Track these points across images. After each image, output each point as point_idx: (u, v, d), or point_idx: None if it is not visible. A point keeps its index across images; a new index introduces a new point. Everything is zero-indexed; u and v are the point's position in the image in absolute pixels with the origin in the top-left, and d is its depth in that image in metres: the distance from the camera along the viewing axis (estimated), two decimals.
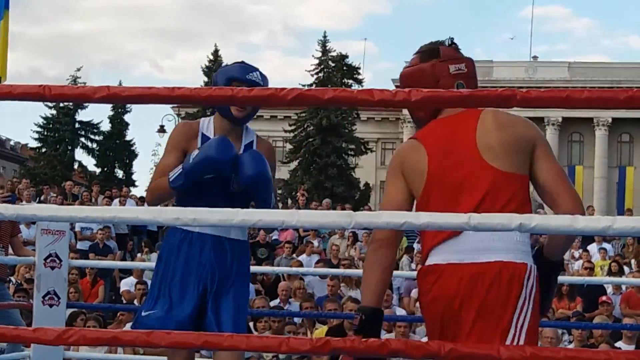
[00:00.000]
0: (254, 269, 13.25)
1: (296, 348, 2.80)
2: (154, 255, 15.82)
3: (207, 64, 48.99)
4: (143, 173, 67.58)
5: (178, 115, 49.21)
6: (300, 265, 14.75)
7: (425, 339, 3.31)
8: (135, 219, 2.84)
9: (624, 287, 13.10)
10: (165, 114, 46.83)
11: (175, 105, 48.07)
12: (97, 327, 8.84)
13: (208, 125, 4.88)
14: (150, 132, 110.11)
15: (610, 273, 14.52)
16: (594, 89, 2.71)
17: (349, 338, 2.77)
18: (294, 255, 16.52)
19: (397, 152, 3.60)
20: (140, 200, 20.51)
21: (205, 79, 48.06)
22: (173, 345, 2.84)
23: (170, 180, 4.53)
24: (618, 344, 9.86)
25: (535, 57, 58.38)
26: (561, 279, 12.72)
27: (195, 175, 4.48)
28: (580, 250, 17.23)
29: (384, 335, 10.01)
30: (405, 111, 55.73)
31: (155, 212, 2.92)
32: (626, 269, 14.75)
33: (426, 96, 2.76)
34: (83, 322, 9.70)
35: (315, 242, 18.26)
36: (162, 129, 44.96)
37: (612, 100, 2.69)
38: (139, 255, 16.96)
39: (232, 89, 2.78)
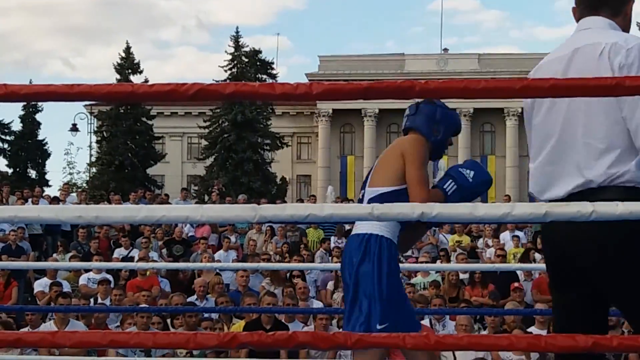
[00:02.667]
0: (170, 265, 13.26)
1: (203, 343, 2.79)
2: (69, 256, 15.62)
3: (119, 61, 48.39)
4: (56, 173, 66.39)
5: (91, 113, 48.60)
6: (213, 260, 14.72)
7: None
8: (36, 218, 2.80)
9: (536, 274, 13.35)
10: (77, 113, 46.13)
11: (88, 103, 47.43)
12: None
13: None
14: (62, 131, 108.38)
15: (523, 259, 14.78)
16: (490, 79, 2.76)
17: (256, 332, 2.76)
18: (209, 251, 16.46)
19: None
20: (54, 200, 20.19)
21: (118, 76, 47.50)
22: (78, 345, 2.81)
23: (448, 194, 4.84)
24: (531, 329, 10.05)
25: (445, 50, 59.15)
26: (473, 266, 12.97)
27: (472, 194, 4.88)
28: (493, 238, 17.54)
29: (304, 329, 10.06)
30: (320, 105, 56.21)
31: (57, 210, 2.89)
32: (538, 255, 15.02)
33: (327, 89, 2.78)
34: None
35: (233, 238, 18.23)
36: (74, 128, 44.36)
37: (509, 89, 2.74)
38: (53, 255, 16.69)
39: (131, 85, 2.77)
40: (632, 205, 2.70)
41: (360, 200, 4.87)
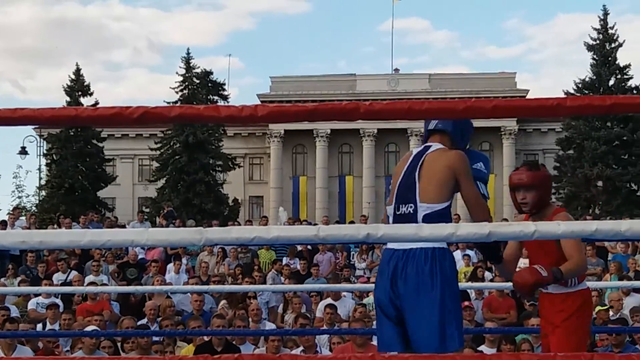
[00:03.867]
0: (123, 289, 13.15)
1: None
2: (18, 280, 15.43)
3: (69, 83, 48.06)
4: (4, 196, 65.45)
5: (40, 136, 48.16)
6: (165, 283, 14.63)
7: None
8: None
9: (486, 292, 13.43)
10: (26, 135, 45.63)
11: (37, 126, 46.85)
12: None
13: None
14: (11, 154, 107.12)
15: (473, 278, 14.87)
16: (433, 101, 2.79)
17: (202, 355, 2.76)
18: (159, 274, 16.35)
19: None
20: (2, 224, 19.94)
21: (68, 99, 47.17)
22: None
23: (486, 195, 5.03)
24: (481, 347, 10.11)
25: (397, 70, 59.47)
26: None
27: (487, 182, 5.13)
28: None
29: (255, 351, 10.02)
30: (272, 126, 56.21)
31: (1, 235, 2.87)
32: (488, 274, 15.12)
33: (272, 111, 2.80)
34: None
35: (184, 260, 18.15)
36: (23, 151, 43.87)
37: (452, 110, 2.78)
38: (1, 280, 16.47)
39: (75, 109, 2.76)
40: (573, 224, 2.74)
41: (396, 214, 4.86)
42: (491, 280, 14.35)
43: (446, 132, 5.00)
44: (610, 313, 11.57)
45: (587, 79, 46.39)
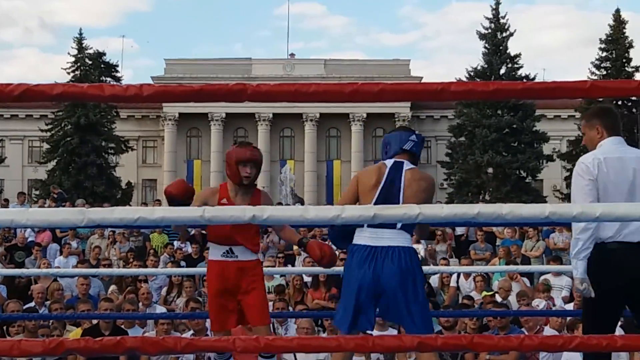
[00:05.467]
0: (9, 271, 12.86)
1: (28, 350, 2.73)
2: None
3: None
4: None
5: None
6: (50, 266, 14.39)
7: None
8: None
9: None
10: None
11: None
12: None
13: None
14: None
15: None
16: (321, 83, 2.79)
17: (83, 338, 2.71)
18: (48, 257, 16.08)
19: None
20: None
21: None
22: None
23: None
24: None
25: (292, 55, 59.54)
26: (318, 269, 13.06)
27: None
28: None
29: (149, 334, 9.91)
30: (166, 109, 55.70)
31: None
32: None
33: (158, 91, 2.76)
34: None
35: (74, 243, 17.85)
36: None
37: (338, 93, 2.78)
38: None
39: None
40: (456, 207, 2.78)
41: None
42: None
43: (415, 154, 5.66)
44: (498, 298, 11.82)
45: (479, 67, 47.21)
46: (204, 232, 18.81)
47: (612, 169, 5.04)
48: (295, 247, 17.86)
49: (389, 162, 5.54)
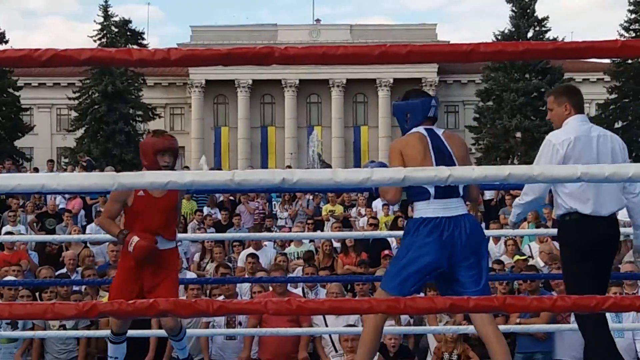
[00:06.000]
0: (40, 237, 12.98)
1: (62, 313, 2.75)
2: None
3: None
4: None
5: None
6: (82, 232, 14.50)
7: None
8: None
9: None
10: None
11: None
12: None
13: None
14: None
15: (394, 227, 14.99)
16: (348, 46, 2.78)
17: (116, 301, 2.73)
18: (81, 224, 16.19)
19: None
20: None
21: None
22: None
23: None
24: None
25: (318, 20, 59.31)
26: (346, 234, 13.11)
27: None
28: (366, 207, 17.78)
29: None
30: (192, 76, 55.70)
31: None
32: None
33: (185, 55, 2.75)
34: None
35: None
36: None
37: (367, 55, 2.77)
38: None
39: None
40: (487, 169, 2.77)
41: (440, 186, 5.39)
42: None
43: (436, 118, 5.67)
44: (540, 262, 11.83)
45: (506, 31, 46.89)
46: (232, 198, 18.96)
47: (579, 147, 5.55)
48: (324, 213, 17.91)
49: (422, 130, 5.49)
